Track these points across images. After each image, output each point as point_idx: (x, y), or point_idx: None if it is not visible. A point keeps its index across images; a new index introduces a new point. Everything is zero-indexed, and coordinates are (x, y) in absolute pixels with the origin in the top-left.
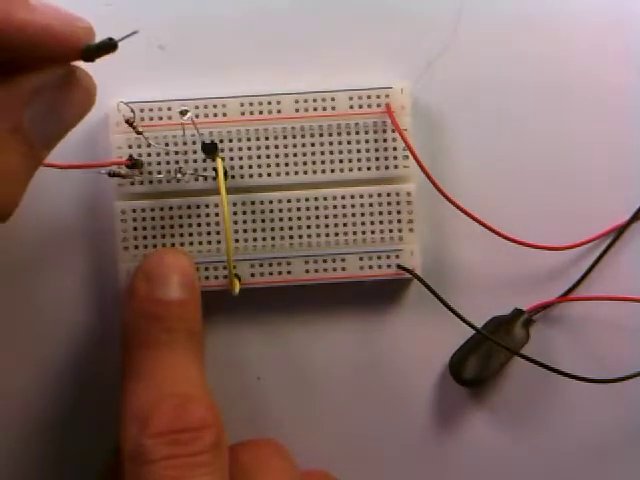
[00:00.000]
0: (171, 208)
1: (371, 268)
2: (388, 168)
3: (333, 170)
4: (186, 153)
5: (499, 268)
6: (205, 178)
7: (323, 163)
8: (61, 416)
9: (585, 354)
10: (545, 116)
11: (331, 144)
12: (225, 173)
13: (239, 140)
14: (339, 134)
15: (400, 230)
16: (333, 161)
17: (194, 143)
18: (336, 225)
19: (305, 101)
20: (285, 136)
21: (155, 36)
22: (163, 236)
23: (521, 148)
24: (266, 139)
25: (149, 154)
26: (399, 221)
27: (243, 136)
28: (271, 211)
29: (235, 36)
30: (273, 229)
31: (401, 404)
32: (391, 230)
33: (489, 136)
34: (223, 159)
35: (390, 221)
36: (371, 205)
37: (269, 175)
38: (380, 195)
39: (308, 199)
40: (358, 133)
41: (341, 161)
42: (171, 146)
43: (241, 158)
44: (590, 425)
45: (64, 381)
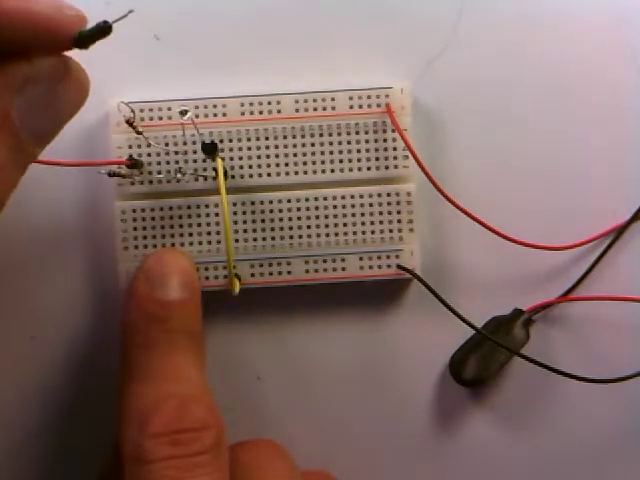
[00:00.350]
0: (171, 208)
1: (371, 268)
2: (388, 168)
3: (333, 170)
4: (186, 153)
5: (499, 268)
6: (205, 178)
7: (323, 163)
8: (61, 416)
9: (585, 354)
10: (545, 116)
11: (331, 144)
12: (225, 173)
13: (239, 140)
14: (339, 134)
15: (400, 230)
16: (333, 161)
17: (194, 143)
18: (336, 225)
19: (305, 101)
20: (285, 136)
21: (155, 35)
22: (163, 236)
23: (521, 148)
24: (266, 139)
25: (149, 154)
26: (399, 221)
27: (243, 136)
28: (271, 211)
29: (235, 36)
30: (273, 229)
31: (401, 404)
32: (391, 230)
33: (489, 136)
34: (223, 159)
35: (390, 221)
36: (371, 205)
37: (269, 175)
38: (380, 195)
39: (308, 199)
40: (358, 133)
41: (341, 161)
42: (171, 146)
43: (241, 158)
44: (590, 425)
45: (64, 381)
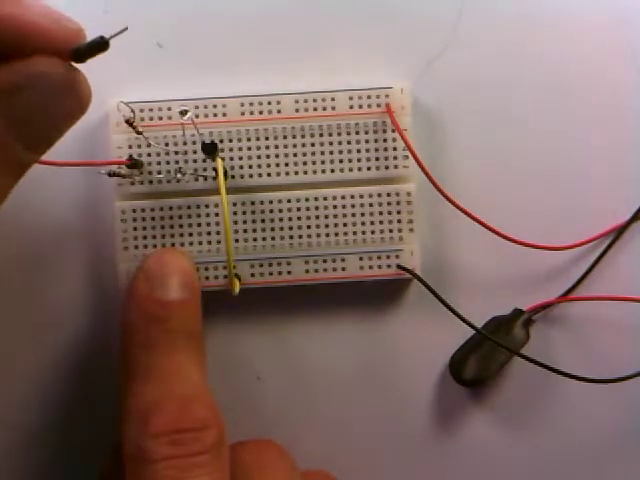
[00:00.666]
0: (171, 208)
1: (371, 268)
2: (388, 168)
3: (333, 170)
4: (186, 153)
5: (499, 268)
6: (205, 178)
7: (323, 163)
8: (61, 416)
9: (585, 354)
10: (545, 116)
11: (331, 144)
12: (225, 173)
13: (239, 140)
14: (339, 134)
15: (400, 230)
16: (333, 161)
17: (194, 143)
18: (336, 225)
19: (305, 101)
20: (285, 136)
21: (155, 36)
22: (163, 236)
23: (521, 148)
24: (266, 139)
25: (149, 154)
26: (399, 221)
27: (243, 136)
28: (271, 211)
29: (235, 36)
30: (273, 229)
31: (401, 404)
32: (391, 230)
33: (489, 136)
34: (223, 159)
35: (390, 221)
36: (371, 205)
37: (269, 175)
38: (380, 195)
39: (308, 199)
40: (358, 133)
41: (341, 161)
42: (171, 146)
43: (241, 158)
44: (590, 425)
45: (64, 381)
